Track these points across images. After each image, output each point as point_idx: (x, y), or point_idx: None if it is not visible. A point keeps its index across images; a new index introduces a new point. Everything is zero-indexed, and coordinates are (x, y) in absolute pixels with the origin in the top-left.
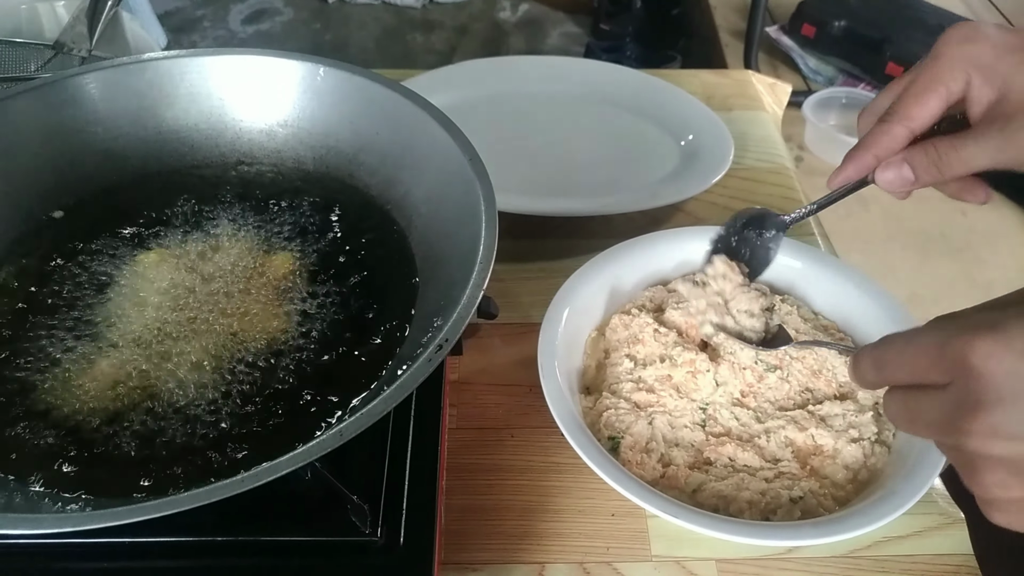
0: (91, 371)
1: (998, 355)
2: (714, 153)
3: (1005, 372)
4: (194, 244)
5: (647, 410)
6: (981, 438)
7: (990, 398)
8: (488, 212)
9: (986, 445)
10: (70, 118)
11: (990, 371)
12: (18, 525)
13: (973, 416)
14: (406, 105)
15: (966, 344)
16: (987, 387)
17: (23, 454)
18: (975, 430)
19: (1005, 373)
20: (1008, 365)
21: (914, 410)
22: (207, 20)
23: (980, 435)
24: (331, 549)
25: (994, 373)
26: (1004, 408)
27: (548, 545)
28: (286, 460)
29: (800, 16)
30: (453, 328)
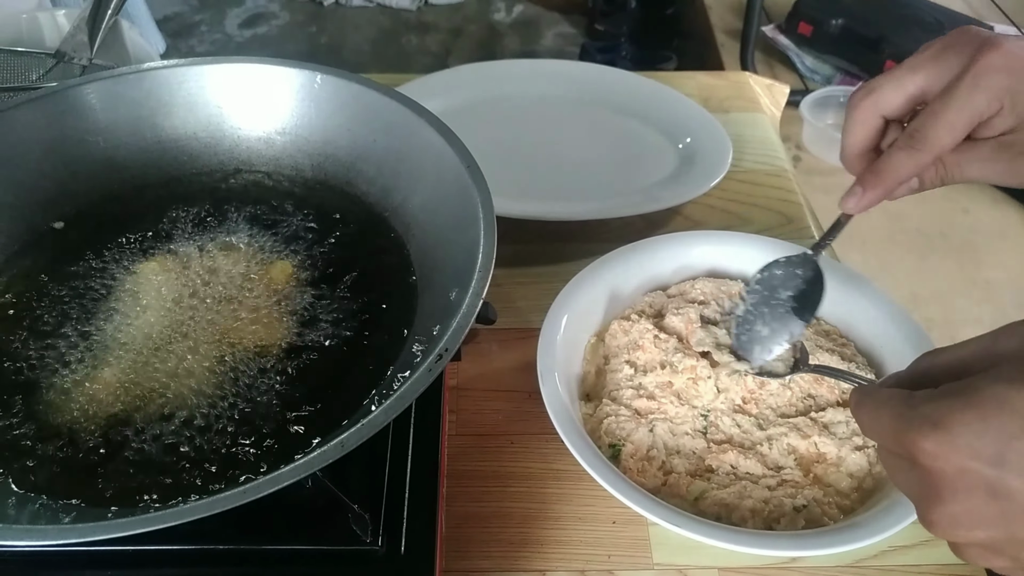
0: (92, 379)
1: (944, 455)
2: (712, 156)
3: (954, 471)
4: (194, 252)
5: (648, 417)
6: (943, 528)
7: (944, 494)
8: (486, 219)
9: (950, 534)
10: (71, 128)
11: (940, 471)
12: (21, 537)
13: (932, 508)
14: (403, 112)
15: (913, 443)
16: (940, 484)
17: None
18: (936, 521)
19: (954, 472)
20: (956, 464)
21: (891, 470)
22: (204, 25)
23: (942, 526)
24: (332, 558)
25: (944, 472)
26: (958, 503)
27: (549, 553)
28: (288, 471)
29: (797, 15)
30: (453, 337)
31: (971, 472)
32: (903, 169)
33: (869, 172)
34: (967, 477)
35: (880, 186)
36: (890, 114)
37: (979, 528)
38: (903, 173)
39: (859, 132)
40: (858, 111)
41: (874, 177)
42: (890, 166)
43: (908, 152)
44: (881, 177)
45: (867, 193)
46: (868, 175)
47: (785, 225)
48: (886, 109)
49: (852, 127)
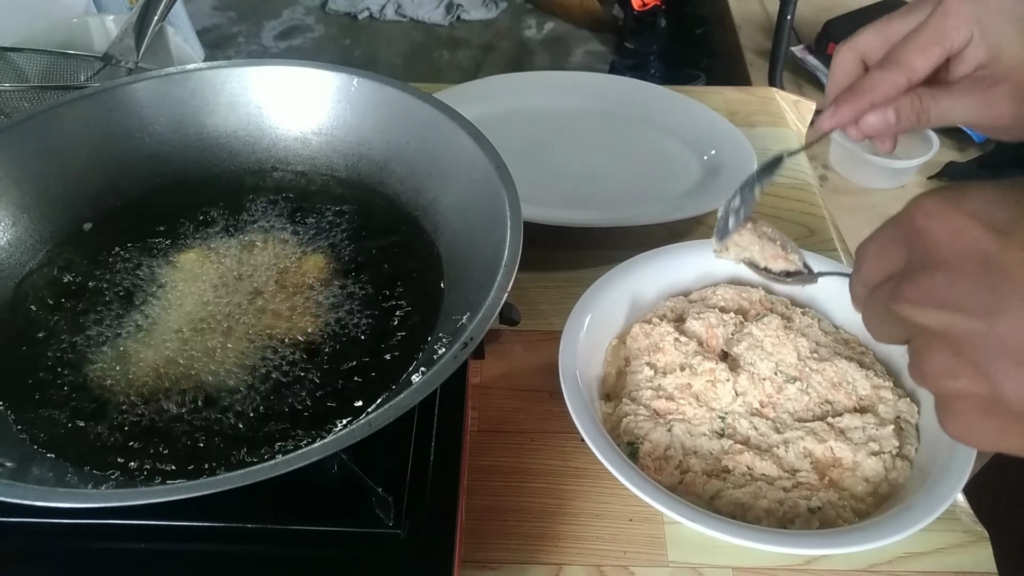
0: (131, 360)
1: (945, 214)
2: (737, 168)
3: (951, 232)
4: (231, 244)
5: (666, 417)
6: (914, 305)
7: (931, 259)
8: (513, 218)
9: (919, 313)
10: (119, 124)
11: (935, 231)
12: (63, 499)
13: (910, 280)
14: (436, 115)
15: (917, 204)
16: (930, 249)
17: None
18: (907, 295)
19: (951, 233)
20: (955, 224)
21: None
22: (241, 36)
23: (911, 301)
24: (355, 540)
25: (938, 232)
26: (942, 270)
27: (565, 547)
28: (317, 447)
29: (826, 36)
30: (478, 327)
31: (969, 235)
32: (876, 86)
33: (846, 91)
34: (964, 240)
35: (853, 101)
36: (866, 54)
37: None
38: (876, 90)
39: (838, 73)
40: (839, 55)
41: (849, 94)
42: (864, 83)
43: (880, 72)
44: (855, 92)
45: (840, 107)
46: (844, 93)
47: (808, 237)
48: (865, 51)
49: (834, 70)
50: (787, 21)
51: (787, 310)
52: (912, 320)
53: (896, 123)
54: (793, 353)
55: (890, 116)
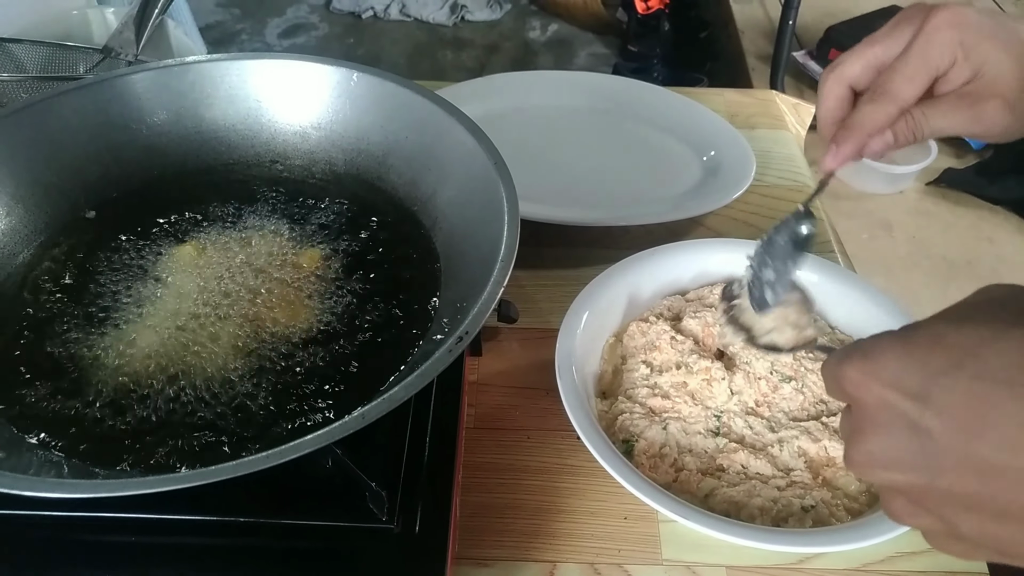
0: (125, 352)
1: (866, 384)
2: (736, 169)
3: (875, 402)
4: (228, 238)
5: (662, 416)
6: (861, 468)
7: (865, 427)
8: (511, 213)
9: (868, 474)
10: (117, 115)
11: (862, 400)
12: (53, 489)
13: (851, 444)
14: (435, 111)
15: (843, 374)
16: (863, 416)
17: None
18: (855, 460)
19: (875, 403)
20: (876, 394)
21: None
22: (245, 34)
23: (859, 465)
24: (348, 534)
25: (865, 402)
26: (876, 436)
27: (560, 545)
28: (311, 439)
29: (828, 42)
30: (474, 321)
31: (891, 404)
32: (871, 120)
33: (841, 128)
34: (888, 410)
35: (852, 139)
36: (853, 82)
37: (897, 469)
38: (871, 124)
39: (828, 102)
40: (826, 84)
41: (845, 131)
42: (858, 118)
43: (872, 104)
44: (852, 130)
45: (841, 147)
46: (840, 131)
47: None
48: (849, 78)
49: (822, 99)
50: (789, 26)
51: None
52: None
53: (894, 143)
54: (788, 352)
55: (888, 138)
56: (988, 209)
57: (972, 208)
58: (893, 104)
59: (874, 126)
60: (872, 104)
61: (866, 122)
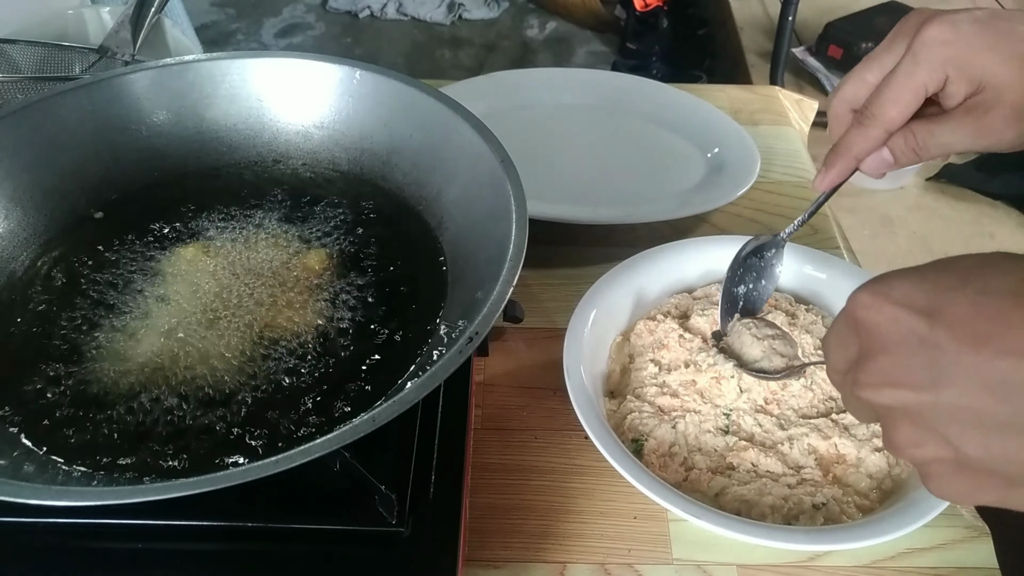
0: (128, 356)
1: (878, 305)
2: (740, 166)
3: (886, 320)
4: (231, 240)
5: (671, 414)
6: (871, 388)
7: (875, 348)
8: (518, 212)
9: (877, 394)
10: (115, 116)
11: (873, 321)
12: (57, 497)
13: (863, 367)
14: (439, 108)
15: (855, 300)
16: (873, 338)
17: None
18: (864, 380)
19: (886, 321)
20: (888, 313)
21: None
22: (241, 33)
23: (869, 386)
24: (358, 538)
25: (877, 322)
26: (888, 354)
27: (570, 545)
28: (320, 443)
29: (827, 38)
30: (483, 322)
31: (902, 321)
32: (857, 145)
33: (830, 152)
34: (898, 326)
35: (839, 162)
36: (854, 104)
37: (907, 386)
38: (858, 149)
39: (836, 126)
40: (832, 109)
41: (833, 155)
42: (845, 144)
43: (858, 129)
44: (839, 154)
45: (829, 171)
46: (830, 155)
47: (812, 235)
48: (854, 102)
49: (831, 123)
50: (788, 23)
51: (791, 307)
52: (872, 402)
53: (895, 162)
54: (798, 350)
55: (887, 156)
56: (989, 204)
57: (973, 203)
58: (878, 127)
59: (860, 150)
60: (857, 128)
61: (852, 146)
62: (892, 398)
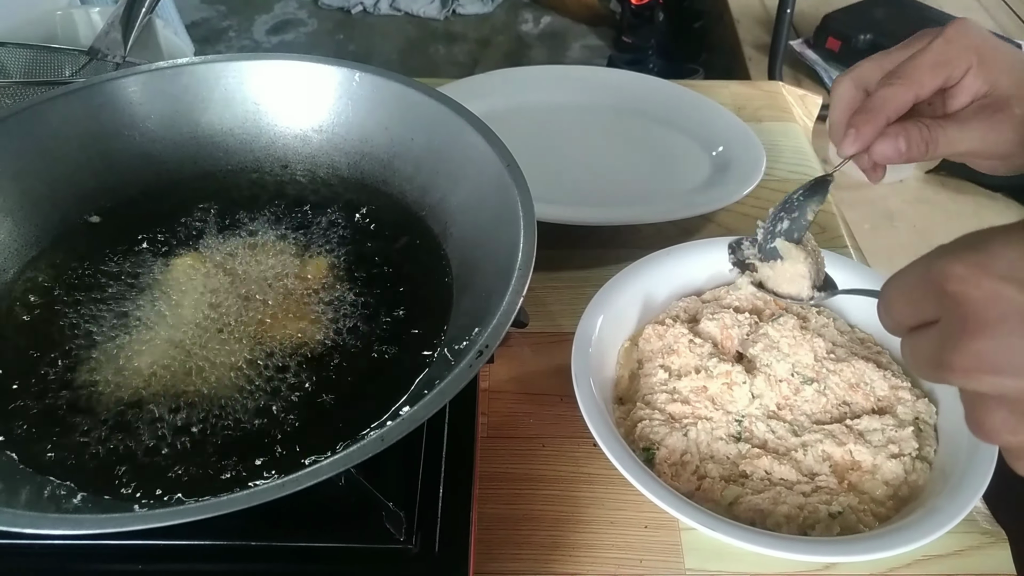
0: (124, 371)
1: (975, 279)
2: (745, 164)
3: (985, 297)
4: (228, 248)
5: (682, 422)
6: (965, 373)
7: (970, 327)
8: (527, 218)
9: (972, 380)
10: (108, 121)
11: (969, 297)
12: (56, 525)
13: (954, 348)
14: (442, 111)
15: (943, 270)
16: (967, 315)
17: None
18: (957, 364)
19: (985, 298)
20: (988, 289)
21: (915, 351)
22: (232, 31)
23: (964, 370)
24: (365, 556)
25: (974, 299)
26: (986, 336)
27: (580, 556)
28: (327, 464)
29: (825, 30)
30: (493, 334)
31: (1006, 298)
32: (889, 102)
33: (858, 112)
34: (1001, 304)
35: (871, 121)
36: (868, 86)
37: (1009, 371)
38: (889, 106)
39: (842, 103)
40: (840, 86)
41: (863, 114)
42: (876, 101)
43: (890, 87)
44: (870, 112)
45: (861, 129)
46: (857, 115)
47: (819, 234)
48: (867, 81)
49: (836, 101)
50: (786, 15)
51: (802, 309)
52: (967, 385)
53: (906, 151)
54: (810, 354)
55: (900, 144)
56: (988, 196)
57: (973, 195)
58: (910, 88)
59: (891, 107)
60: (890, 87)
61: (885, 104)
62: (992, 385)
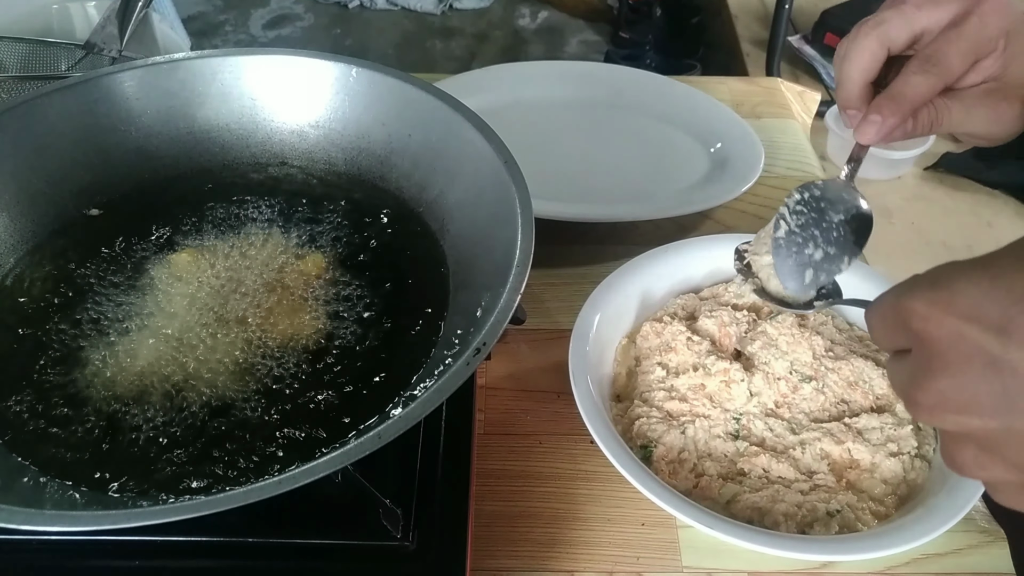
0: (119, 367)
1: (937, 319)
2: (744, 161)
3: (948, 336)
4: (225, 244)
5: (679, 419)
6: (930, 411)
7: (935, 366)
8: (524, 215)
9: (937, 418)
10: (104, 117)
11: (932, 336)
12: (52, 522)
13: (919, 386)
14: (439, 107)
15: (907, 307)
16: (932, 354)
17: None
18: (923, 401)
19: (948, 337)
20: (950, 328)
21: (892, 377)
22: (228, 25)
23: (929, 408)
24: (362, 553)
25: (936, 338)
26: (948, 376)
27: (577, 553)
28: (324, 462)
29: (823, 25)
30: (491, 332)
31: (968, 339)
32: (919, 90)
33: (884, 98)
34: (963, 344)
35: (899, 110)
36: (894, 48)
37: (973, 412)
38: (919, 96)
39: (864, 60)
40: (866, 39)
41: (891, 102)
42: (907, 88)
43: (924, 75)
44: (898, 101)
45: (887, 119)
46: (884, 101)
47: None
48: (893, 42)
49: (857, 55)
50: (784, 11)
51: None
52: (931, 424)
53: (912, 130)
54: (808, 352)
55: (909, 126)
56: (987, 193)
57: (971, 193)
58: (942, 79)
59: (921, 99)
60: (923, 75)
61: (916, 93)
62: (956, 424)
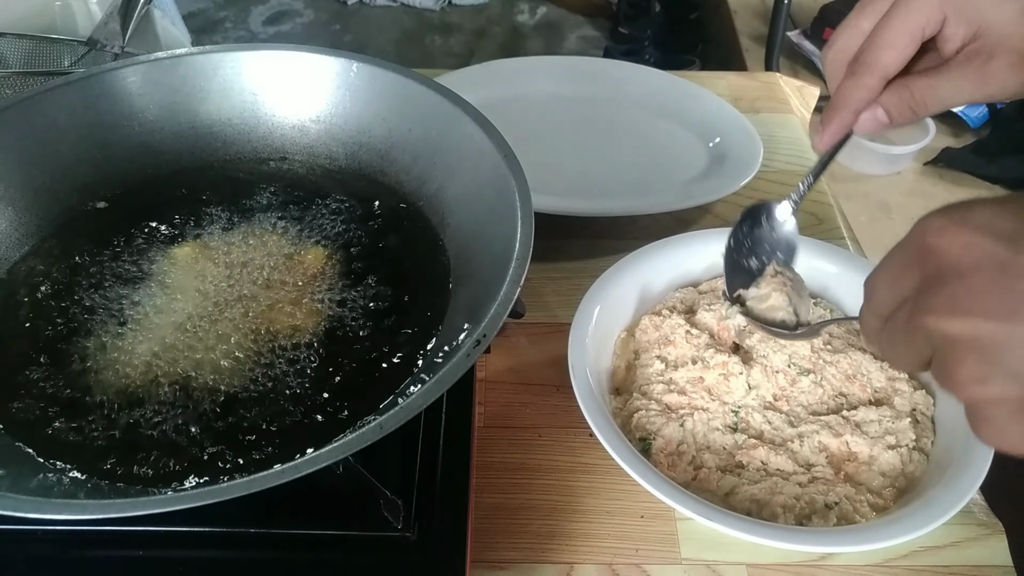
0: (124, 360)
1: (954, 229)
2: (743, 155)
3: (961, 244)
4: (227, 238)
5: (678, 412)
6: (936, 316)
7: (947, 273)
8: (524, 209)
9: (943, 322)
10: (106, 112)
11: (946, 246)
12: (59, 510)
13: (930, 292)
14: (440, 102)
15: (925, 224)
16: (944, 263)
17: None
18: (929, 306)
19: (961, 245)
20: (964, 238)
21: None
22: (228, 21)
23: (937, 312)
24: (363, 544)
25: (950, 247)
26: (961, 280)
27: (576, 545)
28: (326, 452)
29: (822, 20)
30: (491, 324)
31: (981, 246)
32: (854, 96)
33: (826, 108)
34: (975, 251)
35: (835, 118)
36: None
37: (980, 314)
38: (855, 100)
39: (833, 81)
40: (829, 65)
41: (831, 111)
42: (840, 97)
43: (853, 79)
44: (836, 109)
45: (827, 128)
46: (826, 111)
47: (816, 225)
48: (847, 52)
49: (828, 80)
50: (783, 6)
51: None
52: (938, 331)
53: (890, 121)
54: (806, 345)
55: (881, 116)
56: (986, 189)
57: (970, 188)
58: (873, 75)
59: (858, 101)
60: (852, 78)
61: (849, 98)
62: (961, 327)
